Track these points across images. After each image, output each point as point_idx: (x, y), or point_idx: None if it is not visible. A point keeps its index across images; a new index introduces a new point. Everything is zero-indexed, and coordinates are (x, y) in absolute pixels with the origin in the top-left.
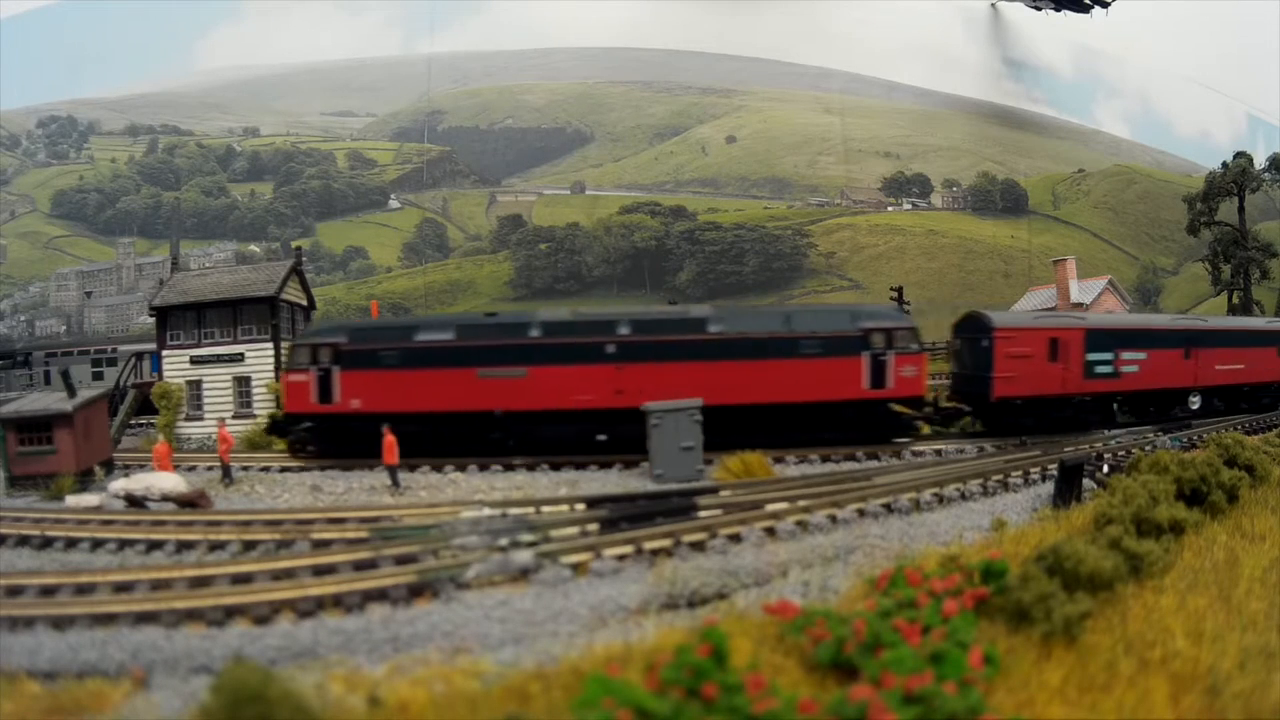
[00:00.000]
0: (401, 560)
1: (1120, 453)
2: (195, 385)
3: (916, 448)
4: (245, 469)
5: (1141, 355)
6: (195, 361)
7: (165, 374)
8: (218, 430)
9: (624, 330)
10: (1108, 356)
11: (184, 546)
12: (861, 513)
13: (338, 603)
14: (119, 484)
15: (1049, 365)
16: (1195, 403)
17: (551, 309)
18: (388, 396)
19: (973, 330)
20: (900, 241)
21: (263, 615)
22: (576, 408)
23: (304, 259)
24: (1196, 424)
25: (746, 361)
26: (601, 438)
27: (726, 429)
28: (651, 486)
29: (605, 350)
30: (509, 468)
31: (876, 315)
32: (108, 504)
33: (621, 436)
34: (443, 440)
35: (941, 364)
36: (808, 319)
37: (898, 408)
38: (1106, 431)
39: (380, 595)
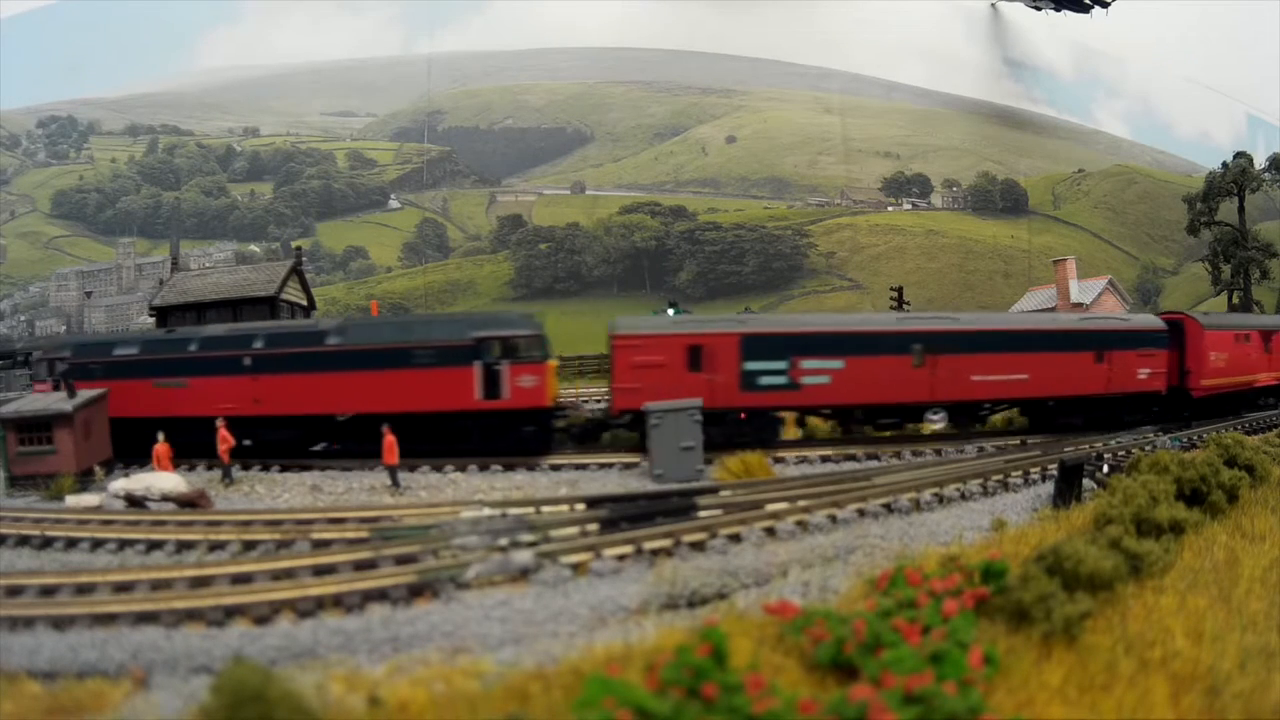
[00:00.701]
0: (401, 560)
1: (1120, 453)
2: None
3: (916, 448)
4: (245, 469)
5: (836, 364)
6: None
7: None
8: (218, 430)
9: (259, 344)
10: (778, 365)
11: (184, 546)
12: (861, 513)
13: (338, 603)
14: (119, 484)
15: (688, 375)
16: (937, 420)
17: (214, 325)
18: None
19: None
20: (900, 241)
21: (263, 615)
22: (225, 414)
23: (304, 259)
24: (1197, 424)
25: (363, 372)
26: (247, 443)
27: (360, 437)
28: (651, 486)
29: (243, 362)
30: (509, 468)
31: (495, 323)
32: (108, 504)
33: (264, 441)
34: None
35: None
36: (424, 329)
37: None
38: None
39: (380, 595)
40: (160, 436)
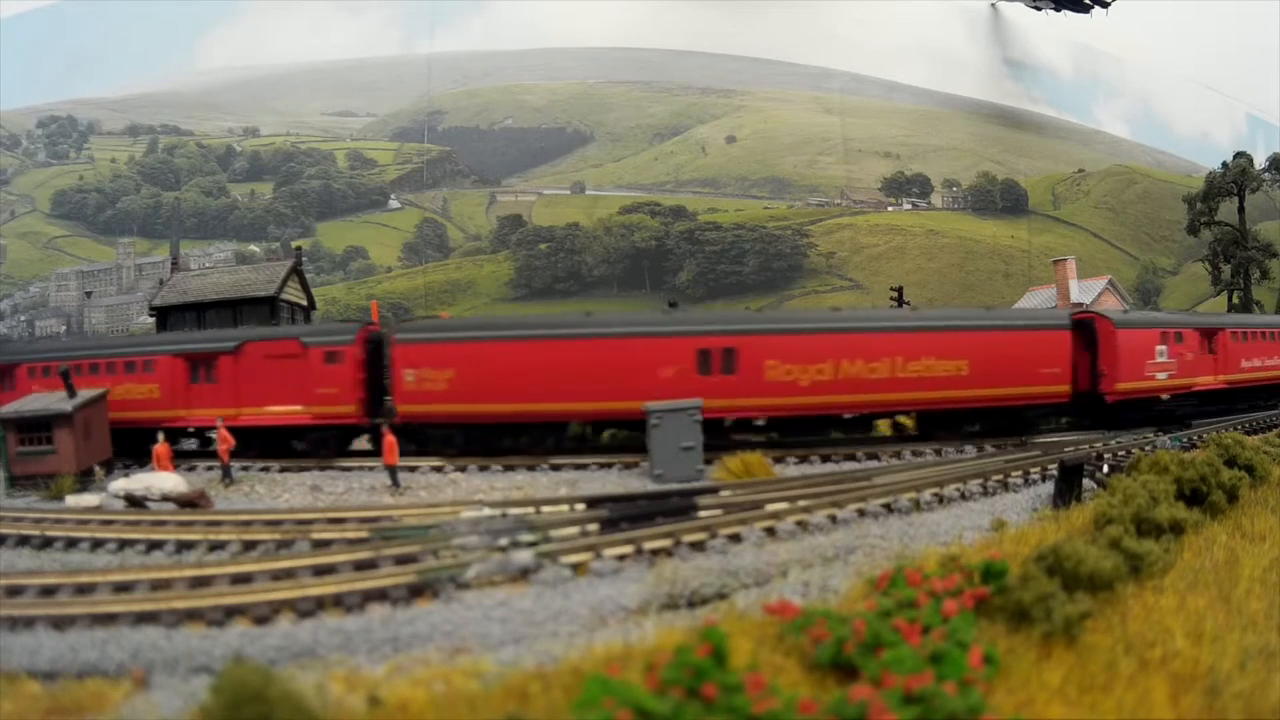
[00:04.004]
0: (401, 560)
1: (1120, 453)
2: None
3: (916, 447)
4: (245, 469)
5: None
6: None
7: None
8: (217, 430)
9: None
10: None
11: (184, 546)
12: (861, 513)
13: (338, 603)
14: (119, 484)
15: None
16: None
17: None
18: None
19: None
20: (900, 241)
21: (263, 615)
22: None
23: (304, 259)
24: (1197, 424)
25: None
26: None
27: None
28: (651, 486)
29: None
30: (509, 468)
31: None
32: (108, 504)
33: None
34: None
35: None
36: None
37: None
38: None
39: (380, 595)
40: (160, 436)
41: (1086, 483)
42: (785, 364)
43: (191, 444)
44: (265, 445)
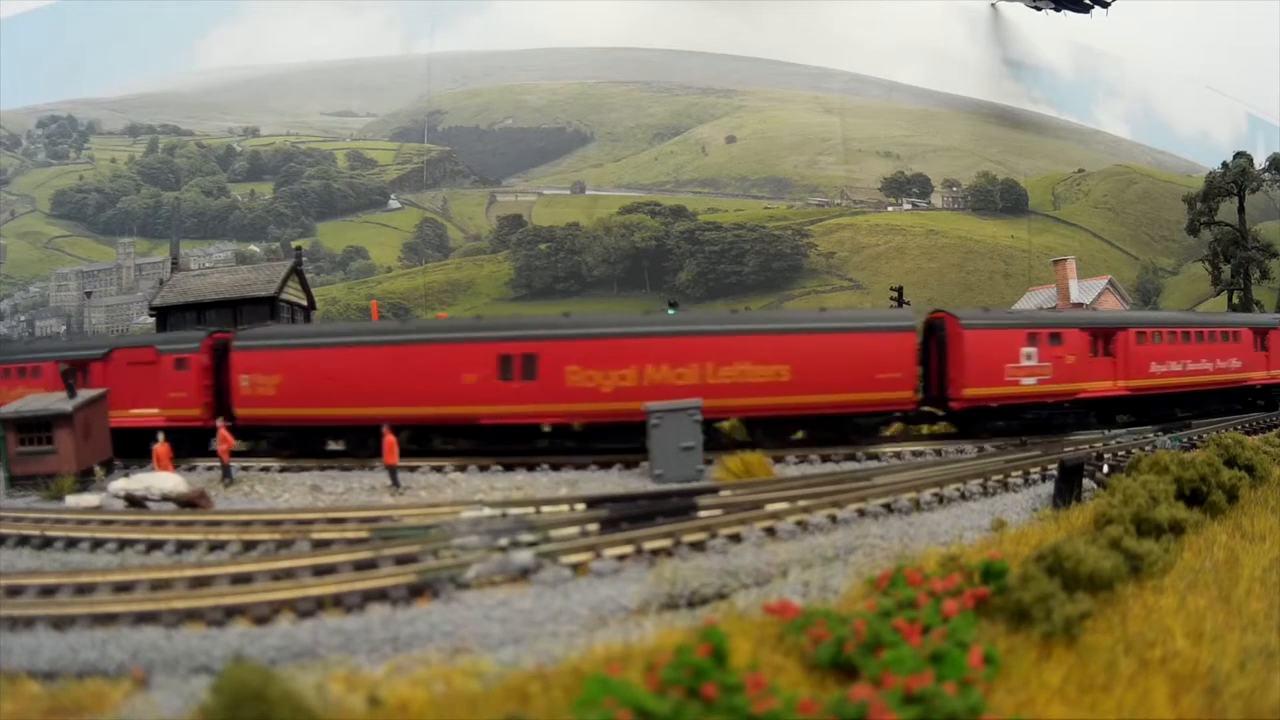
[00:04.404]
0: (401, 560)
1: (1120, 453)
2: None
3: (915, 447)
4: (245, 469)
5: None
6: None
7: None
8: (218, 430)
9: None
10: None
11: (184, 546)
12: (861, 513)
13: (338, 603)
14: (119, 484)
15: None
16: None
17: None
18: None
19: None
20: (900, 241)
21: (263, 615)
22: None
23: (304, 259)
24: (1196, 424)
25: None
26: None
27: None
28: (651, 486)
29: None
30: (509, 468)
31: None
32: (108, 504)
33: None
34: None
35: None
36: None
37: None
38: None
39: (380, 595)
40: (160, 436)
41: (1086, 483)
42: (586, 369)
43: None
44: (130, 446)
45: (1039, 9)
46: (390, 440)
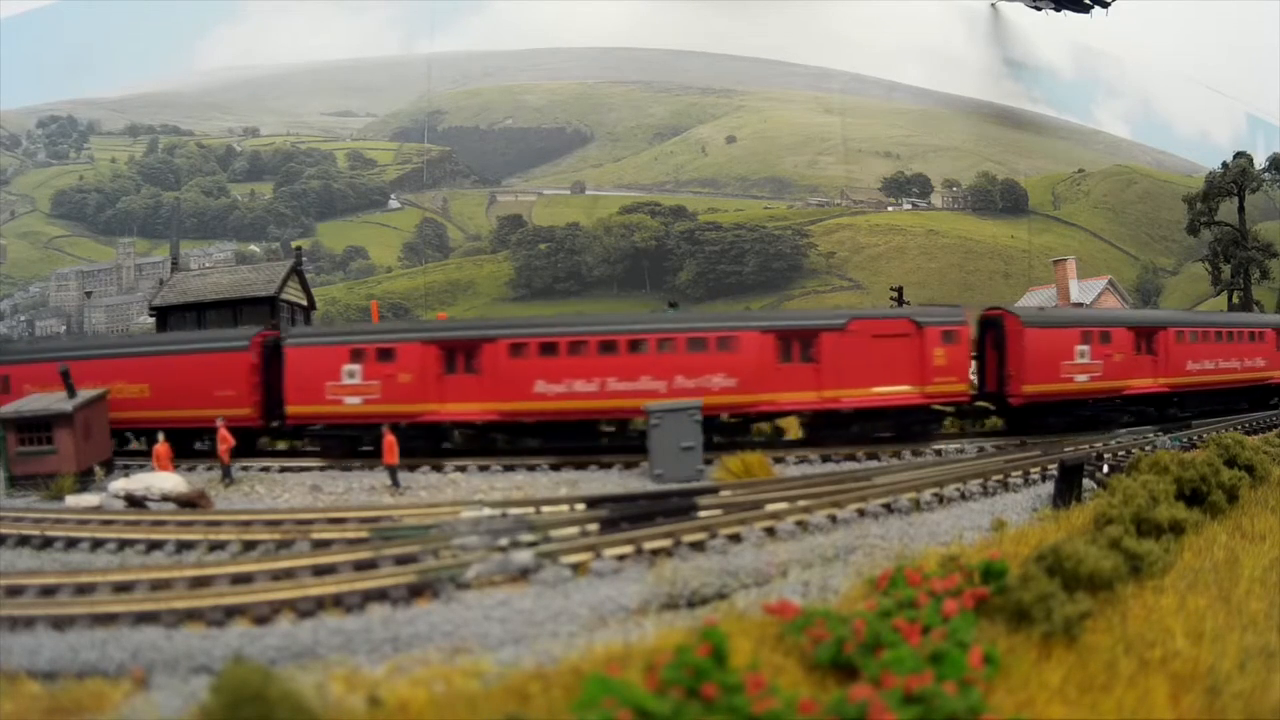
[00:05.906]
0: (401, 560)
1: (1120, 453)
2: None
3: (915, 447)
4: (245, 469)
5: None
6: None
7: None
8: (218, 430)
9: None
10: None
11: (184, 546)
12: (861, 513)
13: (338, 603)
14: (119, 484)
15: None
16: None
17: None
18: None
19: None
20: (900, 241)
21: (263, 615)
22: None
23: (304, 259)
24: (1196, 424)
25: None
26: None
27: None
28: (651, 486)
29: None
30: (509, 468)
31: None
32: (108, 504)
33: None
34: None
35: None
36: None
37: None
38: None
39: (380, 595)
40: (160, 436)
41: (1086, 483)
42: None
43: None
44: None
45: (1039, 9)
46: (390, 440)
